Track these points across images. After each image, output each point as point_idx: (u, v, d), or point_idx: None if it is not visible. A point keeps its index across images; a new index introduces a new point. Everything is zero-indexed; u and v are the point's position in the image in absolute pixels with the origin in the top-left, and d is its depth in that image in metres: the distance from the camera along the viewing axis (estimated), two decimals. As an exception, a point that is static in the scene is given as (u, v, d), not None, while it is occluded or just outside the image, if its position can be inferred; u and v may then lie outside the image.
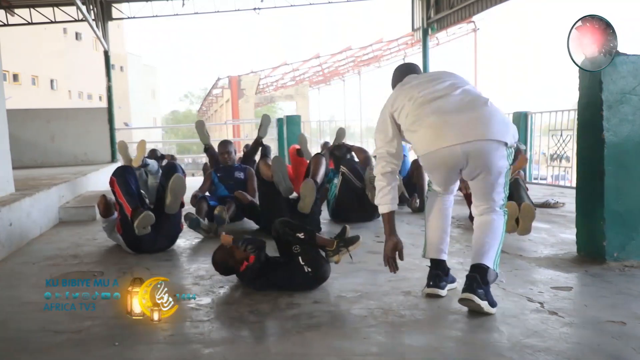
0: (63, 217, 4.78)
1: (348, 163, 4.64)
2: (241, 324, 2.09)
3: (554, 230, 3.86)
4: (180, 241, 3.66)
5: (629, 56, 2.76)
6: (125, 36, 34.58)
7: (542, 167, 8.22)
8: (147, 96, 42.46)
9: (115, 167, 3.97)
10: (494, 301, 2.12)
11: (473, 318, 2.08)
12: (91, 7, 8.77)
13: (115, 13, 9.99)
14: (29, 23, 10.09)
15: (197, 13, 10.35)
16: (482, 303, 2.07)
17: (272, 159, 3.90)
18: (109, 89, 9.76)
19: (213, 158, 5.11)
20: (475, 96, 2.18)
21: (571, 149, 6.47)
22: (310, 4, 10.55)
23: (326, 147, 5.11)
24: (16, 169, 4.81)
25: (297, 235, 2.50)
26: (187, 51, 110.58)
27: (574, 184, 3.56)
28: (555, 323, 2.00)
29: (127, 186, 3.33)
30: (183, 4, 9.87)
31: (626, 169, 2.80)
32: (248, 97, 27.94)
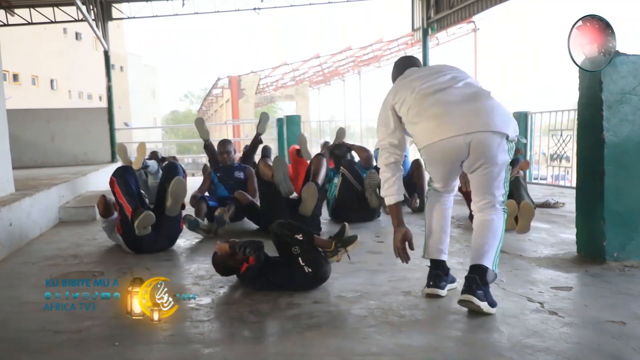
0: (63, 217, 4.79)
1: (348, 164, 4.62)
2: (241, 324, 2.09)
3: (554, 230, 3.85)
4: (180, 241, 3.66)
5: (629, 56, 2.76)
6: (125, 36, 34.59)
7: (542, 167, 8.22)
8: (147, 96, 42.47)
9: (114, 167, 3.97)
10: (494, 301, 2.12)
11: (473, 318, 2.08)
12: (91, 7, 8.78)
13: (115, 13, 9.99)
14: (29, 23, 10.09)
15: (197, 13, 10.36)
16: (482, 304, 2.07)
17: (274, 159, 3.91)
18: (109, 89, 9.76)
19: (212, 156, 5.13)
20: (477, 89, 2.19)
21: (571, 149, 6.47)
22: (310, 4, 10.55)
23: (326, 147, 5.11)
24: (16, 169, 4.81)
25: (296, 236, 2.49)
26: (187, 51, 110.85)
27: (574, 184, 3.56)
28: (555, 323, 2.00)
29: (127, 186, 3.33)
30: (183, 4, 9.88)
31: (626, 169, 2.80)
32: (248, 97, 27.95)
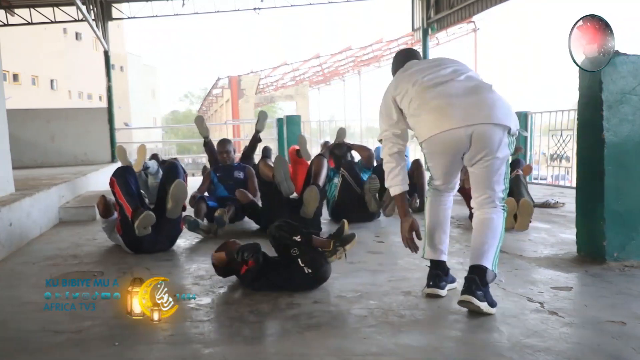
0: (63, 217, 4.78)
1: (348, 165, 4.58)
2: (241, 324, 2.09)
3: (554, 230, 3.85)
4: (180, 241, 3.66)
5: (629, 56, 2.76)
6: (125, 36, 34.60)
7: (542, 167, 8.22)
8: (147, 96, 42.47)
9: (114, 167, 3.97)
10: (494, 301, 2.12)
11: (473, 318, 2.08)
12: (91, 7, 8.77)
13: (115, 13, 9.99)
14: (29, 23, 10.09)
15: (197, 13, 10.36)
16: (482, 304, 2.07)
17: (275, 158, 3.92)
18: (109, 89, 9.76)
19: (212, 155, 5.13)
20: (478, 82, 2.19)
21: (571, 149, 6.47)
22: (310, 4, 10.55)
23: (326, 146, 5.11)
24: (16, 169, 4.81)
25: (294, 238, 2.49)
26: (187, 51, 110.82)
27: (574, 184, 3.56)
28: (555, 323, 2.00)
29: (127, 186, 3.32)
30: (183, 4, 9.88)
31: (626, 169, 2.80)
32: (248, 97, 27.95)
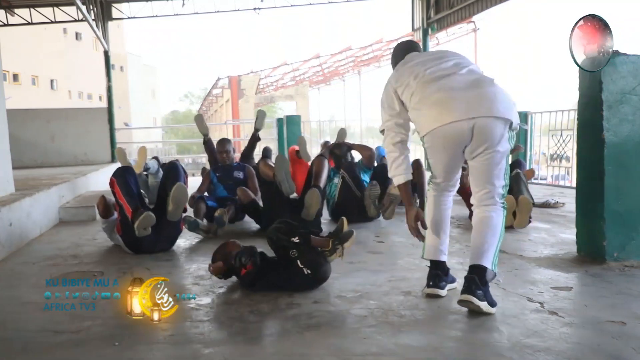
0: (63, 217, 4.78)
1: (349, 167, 4.52)
2: (241, 324, 2.09)
3: (554, 230, 3.85)
4: (180, 241, 3.65)
5: (629, 56, 2.76)
6: (125, 36, 34.60)
7: (542, 167, 8.22)
8: (147, 96, 42.46)
9: (114, 167, 3.97)
10: (494, 301, 2.12)
11: (473, 318, 2.08)
12: (91, 7, 8.78)
13: (115, 13, 9.99)
14: (29, 23, 10.09)
15: (197, 13, 10.36)
16: (481, 304, 2.07)
17: (276, 157, 3.93)
18: (109, 89, 9.76)
19: (212, 154, 5.14)
20: (480, 75, 2.20)
21: (571, 149, 6.47)
22: (310, 4, 10.55)
23: (326, 146, 5.12)
24: (16, 169, 4.81)
25: (292, 239, 2.49)
26: (187, 51, 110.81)
27: (574, 184, 3.56)
28: (555, 323, 2.00)
29: (127, 187, 3.32)
30: (183, 4, 9.88)
31: (626, 169, 2.80)
32: (248, 97, 27.97)
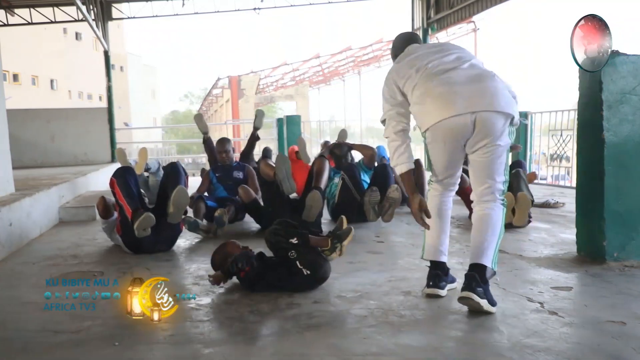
0: (63, 217, 4.78)
1: (349, 170, 4.43)
2: (241, 324, 2.09)
3: (554, 230, 3.85)
4: (179, 241, 3.65)
5: (629, 56, 2.76)
6: (125, 36, 34.57)
7: (542, 167, 8.22)
8: (147, 96, 42.45)
9: (114, 168, 3.96)
10: (494, 300, 2.12)
11: (473, 318, 2.08)
12: (91, 7, 8.77)
13: (115, 13, 9.99)
14: (29, 23, 10.09)
15: (197, 13, 10.36)
16: (482, 301, 2.07)
17: (277, 157, 3.93)
18: (109, 89, 9.76)
19: (211, 153, 5.14)
20: (482, 70, 2.21)
21: (571, 149, 6.47)
22: (310, 4, 10.55)
23: (326, 146, 5.12)
24: (16, 169, 4.81)
25: (290, 241, 2.49)
26: (187, 51, 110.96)
27: (574, 184, 3.56)
28: (555, 323, 2.00)
29: (128, 187, 3.32)
30: (183, 4, 9.88)
31: (626, 169, 2.80)
32: (248, 97, 27.98)
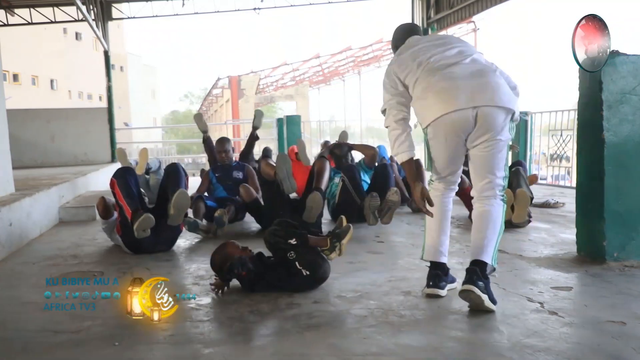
0: (63, 217, 4.78)
1: (349, 171, 4.36)
2: (241, 324, 2.09)
3: (554, 230, 3.85)
4: (179, 241, 3.65)
5: (629, 56, 2.76)
6: (125, 36, 34.57)
7: (542, 167, 8.22)
8: (147, 96, 42.43)
9: (114, 168, 3.96)
10: (494, 298, 2.13)
11: (473, 318, 2.08)
12: (91, 7, 8.78)
13: (115, 13, 9.99)
14: (29, 23, 10.09)
15: (197, 13, 10.36)
16: (483, 296, 2.08)
17: (278, 156, 3.92)
18: (109, 89, 9.76)
19: (211, 152, 5.15)
20: (483, 65, 2.22)
21: (571, 149, 6.47)
22: (310, 4, 10.55)
23: (326, 146, 5.11)
24: (16, 169, 4.81)
25: (289, 241, 2.49)
26: (187, 51, 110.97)
27: (574, 184, 3.56)
28: (555, 323, 2.00)
29: (128, 188, 3.31)
30: (183, 4, 9.89)
31: (626, 169, 2.80)
32: (248, 97, 27.98)
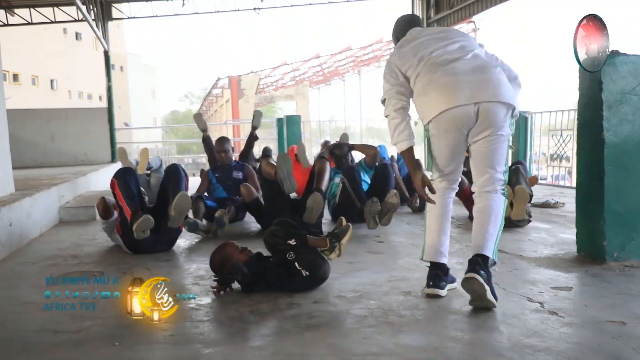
0: (63, 217, 4.79)
1: (349, 173, 4.30)
2: (241, 324, 2.09)
3: (554, 230, 3.85)
4: (179, 241, 3.65)
5: (629, 56, 2.77)
6: (125, 36, 34.57)
7: (542, 167, 8.22)
8: (147, 96, 42.43)
9: (114, 168, 3.96)
10: (495, 293, 2.13)
11: (473, 318, 2.08)
12: (91, 7, 8.78)
13: (115, 13, 9.99)
14: (29, 23, 10.09)
15: (197, 13, 10.37)
16: (486, 286, 2.08)
17: (278, 156, 3.92)
18: (109, 89, 9.75)
19: (210, 152, 5.15)
20: (485, 60, 2.23)
21: (571, 149, 6.47)
22: (310, 4, 10.55)
23: (326, 146, 5.11)
24: (16, 169, 4.81)
25: (289, 242, 2.49)
26: (187, 51, 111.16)
27: (574, 184, 3.56)
28: (555, 323, 2.00)
29: (128, 189, 3.31)
30: (183, 4, 9.89)
31: (626, 169, 2.80)
32: (248, 97, 27.97)
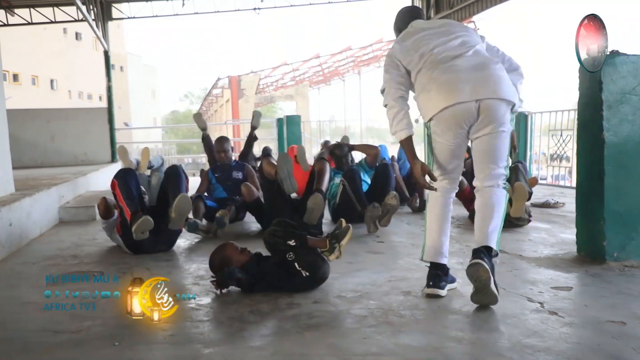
0: (63, 217, 4.79)
1: (349, 175, 4.26)
2: (241, 324, 2.09)
3: (554, 230, 3.85)
4: (179, 241, 3.65)
5: (629, 56, 2.77)
6: (125, 36, 34.56)
7: (542, 167, 8.22)
8: (147, 96, 42.41)
9: (115, 168, 3.96)
10: (498, 287, 2.13)
11: (473, 318, 2.08)
12: (91, 7, 8.77)
13: (115, 13, 9.99)
14: (29, 23, 10.09)
15: (197, 13, 10.37)
16: (490, 274, 2.08)
17: (278, 155, 3.92)
18: (109, 89, 9.75)
19: (210, 152, 5.15)
20: (486, 57, 2.24)
21: (571, 149, 6.47)
22: (310, 4, 10.55)
23: (326, 146, 5.11)
24: (16, 169, 4.81)
25: (288, 243, 2.49)
26: (187, 51, 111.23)
27: (574, 184, 3.56)
28: (555, 323, 2.00)
29: (128, 189, 3.32)
30: (183, 4, 9.89)
31: (626, 169, 2.80)
32: (248, 97, 27.98)
